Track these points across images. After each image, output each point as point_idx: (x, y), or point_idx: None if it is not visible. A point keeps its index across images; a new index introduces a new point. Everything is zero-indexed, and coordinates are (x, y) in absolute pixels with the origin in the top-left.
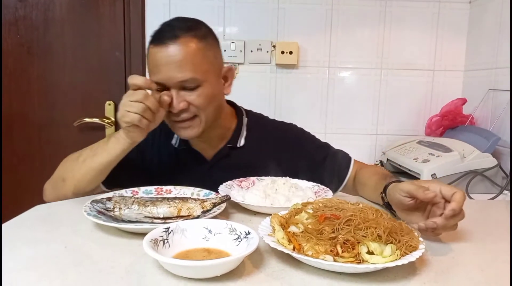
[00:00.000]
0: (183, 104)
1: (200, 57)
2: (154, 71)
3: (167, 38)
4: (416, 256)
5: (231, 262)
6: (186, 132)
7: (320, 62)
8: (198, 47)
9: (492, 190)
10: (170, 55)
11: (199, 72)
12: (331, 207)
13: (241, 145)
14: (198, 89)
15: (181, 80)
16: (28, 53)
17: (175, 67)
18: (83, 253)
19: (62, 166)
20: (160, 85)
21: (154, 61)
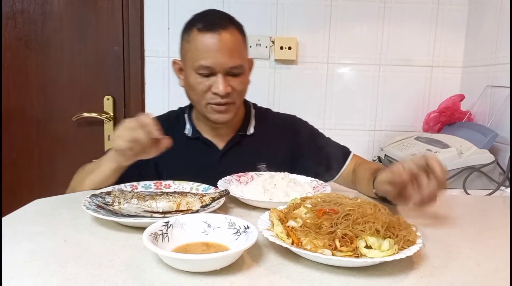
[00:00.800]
0: (229, 88)
1: (243, 47)
2: (203, 56)
3: (218, 26)
4: (413, 250)
5: (230, 256)
6: (222, 115)
7: (319, 58)
8: (241, 37)
9: (490, 186)
10: (223, 42)
11: (244, 60)
12: (330, 202)
13: (251, 133)
14: (241, 76)
15: (231, 65)
16: (26, 47)
17: (227, 53)
18: (82, 247)
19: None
20: (207, 69)
21: (204, 47)
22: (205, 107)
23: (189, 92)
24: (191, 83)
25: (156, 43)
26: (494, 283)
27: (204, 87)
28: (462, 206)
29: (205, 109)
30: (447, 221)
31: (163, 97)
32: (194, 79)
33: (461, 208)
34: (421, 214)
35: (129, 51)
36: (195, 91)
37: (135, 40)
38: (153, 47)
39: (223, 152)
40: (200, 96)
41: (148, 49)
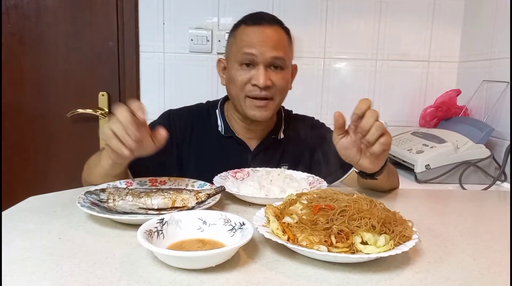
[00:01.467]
0: (270, 81)
1: (288, 45)
2: (247, 44)
3: (265, 21)
4: (409, 246)
5: (225, 253)
6: (260, 112)
7: (315, 52)
8: (287, 37)
9: (485, 180)
10: (268, 34)
11: (286, 56)
12: (326, 198)
13: (281, 137)
14: (282, 72)
15: (274, 55)
16: (20, 43)
17: (271, 44)
18: (77, 244)
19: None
20: (249, 56)
21: (250, 38)
22: (243, 101)
23: (230, 86)
24: (232, 75)
25: (151, 39)
26: (490, 278)
27: (244, 79)
28: (458, 201)
29: (243, 104)
30: (443, 216)
31: (159, 93)
32: (236, 71)
33: (457, 203)
34: (416, 208)
35: (124, 47)
36: (235, 83)
37: (130, 35)
38: (148, 42)
39: (255, 153)
40: (239, 89)
41: (143, 45)
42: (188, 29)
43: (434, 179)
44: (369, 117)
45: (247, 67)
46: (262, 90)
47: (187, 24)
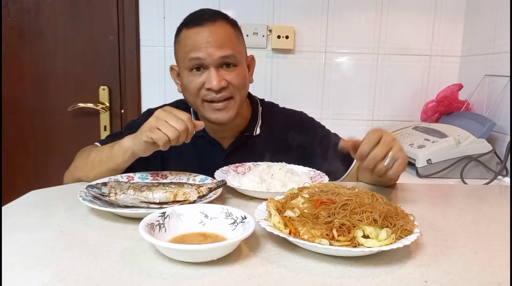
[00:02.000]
0: (224, 82)
1: (236, 39)
2: (193, 50)
3: (206, 20)
4: (411, 239)
5: (227, 246)
6: (222, 114)
7: (316, 47)
8: (233, 30)
9: (487, 175)
10: (211, 34)
11: (236, 51)
12: (327, 192)
13: (257, 134)
14: (236, 69)
15: (222, 55)
16: (20, 37)
17: (217, 44)
18: (78, 238)
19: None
20: (197, 61)
21: (194, 41)
22: (202, 107)
23: (185, 94)
24: (185, 82)
25: (152, 32)
26: (491, 271)
27: (197, 85)
28: (459, 195)
29: (202, 109)
30: (444, 210)
31: (159, 86)
32: (187, 78)
33: (458, 197)
34: (417, 202)
35: (125, 41)
36: (189, 90)
37: (131, 29)
38: (148, 36)
39: (228, 152)
40: (194, 95)
41: (143, 39)
42: None
43: (436, 174)
44: (370, 159)
45: (197, 71)
46: (218, 92)
47: None
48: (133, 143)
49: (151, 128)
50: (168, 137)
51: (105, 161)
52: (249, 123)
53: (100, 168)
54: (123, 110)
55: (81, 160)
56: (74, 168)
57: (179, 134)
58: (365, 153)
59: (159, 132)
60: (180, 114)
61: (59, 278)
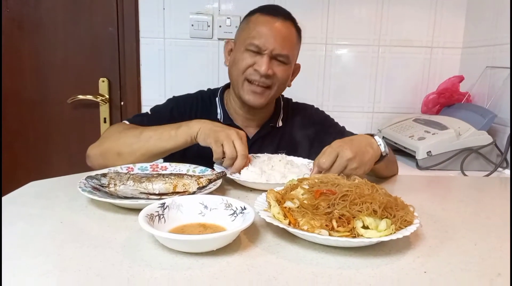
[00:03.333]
0: (271, 70)
1: (296, 44)
2: (257, 36)
3: (280, 15)
4: (410, 230)
5: (227, 236)
6: (256, 98)
7: (317, 38)
8: (297, 35)
9: (487, 167)
10: (279, 28)
11: (292, 53)
12: (327, 183)
13: (280, 126)
14: (285, 66)
15: (279, 52)
16: (19, 28)
17: (280, 39)
18: (79, 229)
19: (117, 139)
20: (256, 47)
21: (262, 28)
22: (242, 84)
23: (232, 68)
24: (237, 57)
25: (151, 24)
26: (490, 262)
27: (248, 62)
28: (459, 187)
29: (241, 86)
30: (444, 201)
31: (159, 79)
32: (241, 54)
33: (458, 189)
34: (417, 194)
35: (124, 32)
36: (238, 65)
37: (130, 21)
38: (148, 28)
39: (253, 141)
40: (241, 71)
41: (143, 30)
42: (189, 14)
43: (436, 166)
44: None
45: (253, 53)
46: (262, 76)
47: (187, 9)
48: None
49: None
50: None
51: (166, 141)
52: (273, 115)
53: (154, 147)
54: (122, 102)
55: (127, 136)
56: (114, 144)
57: (235, 157)
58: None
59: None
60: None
61: (60, 268)
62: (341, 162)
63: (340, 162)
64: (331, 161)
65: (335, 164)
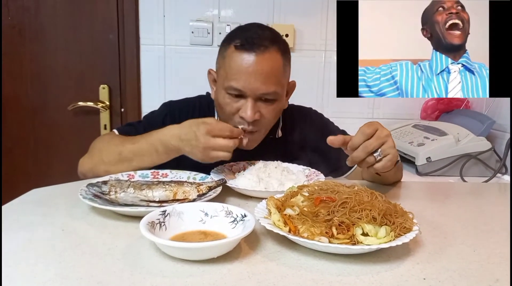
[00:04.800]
0: (258, 115)
1: (282, 72)
2: (235, 77)
3: (257, 47)
4: (410, 237)
5: (227, 244)
6: (247, 145)
7: (316, 45)
8: (282, 62)
9: (486, 173)
10: (259, 65)
11: (279, 87)
12: (327, 190)
13: (279, 136)
14: (274, 103)
15: (264, 92)
16: (20, 35)
17: (262, 78)
18: (79, 236)
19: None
20: (236, 91)
21: (238, 67)
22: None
23: (218, 109)
24: (220, 101)
25: (152, 31)
26: (489, 268)
27: (232, 109)
28: (458, 193)
29: None
30: (443, 208)
31: (159, 86)
32: (223, 99)
33: (457, 195)
34: (416, 200)
35: (124, 39)
36: (224, 111)
37: (130, 28)
38: (148, 35)
39: (251, 154)
40: (228, 117)
41: (143, 37)
42: (189, 21)
43: (435, 172)
44: (361, 151)
45: (235, 97)
46: (250, 124)
47: (187, 16)
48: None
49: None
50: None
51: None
52: (273, 126)
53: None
54: (123, 109)
55: (110, 154)
56: (100, 162)
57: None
58: (357, 144)
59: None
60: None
61: (62, 276)
62: (380, 135)
63: (380, 134)
64: (367, 135)
65: (373, 136)
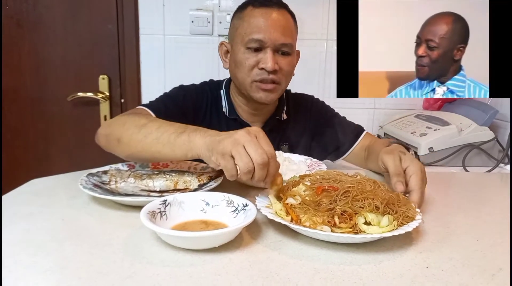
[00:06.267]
0: (277, 65)
1: (295, 30)
2: (255, 31)
3: (273, 4)
4: (412, 226)
5: (229, 233)
6: (267, 95)
7: (317, 34)
8: (293, 21)
9: (489, 163)
10: (276, 18)
11: (294, 41)
12: (329, 179)
13: (284, 118)
14: (289, 57)
15: (282, 42)
16: (18, 26)
17: (281, 29)
18: (80, 226)
19: (122, 126)
20: (257, 43)
21: (258, 21)
22: (250, 86)
23: (235, 70)
24: (239, 59)
25: (151, 21)
26: (492, 258)
27: (251, 63)
28: (461, 183)
29: (249, 88)
30: (446, 197)
31: (159, 75)
32: (242, 55)
33: (460, 185)
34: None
35: (124, 29)
36: (242, 67)
37: (129, 17)
38: (148, 24)
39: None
40: (246, 73)
41: (143, 27)
42: (189, 10)
43: (438, 162)
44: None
45: (254, 51)
46: (270, 73)
47: (187, 5)
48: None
49: (224, 154)
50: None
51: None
52: (277, 108)
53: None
54: (123, 99)
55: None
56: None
57: (252, 168)
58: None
59: (230, 162)
60: (265, 144)
61: (61, 265)
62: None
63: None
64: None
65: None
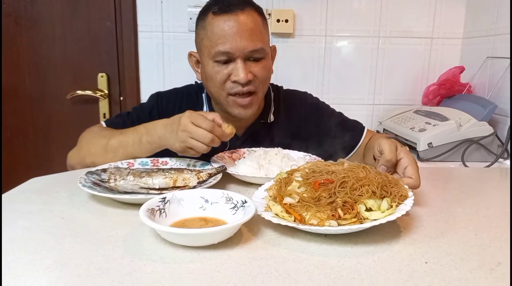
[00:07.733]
0: (250, 75)
1: (264, 30)
2: (220, 42)
3: (234, 7)
4: (409, 204)
5: (228, 230)
6: (245, 111)
7: (316, 30)
8: (261, 19)
9: (488, 158)
10: (241, 24)
11: (265, 44)
12: (320, 172)
13: (272, 121)
14: (263, 61)
15: (252, 49)
16: (16, 24)
17: (247, 35)
18: (79, 224)
19: (89, 146)
20: (225, 55)
21: (222, 31)
22: (225, 100)
23: (208, 84)
24: (209, 73)
25: (149, 18)
26: (491, 252)
27: (223, 76)
28: (460, 178)
29: (226, 103)
30: (445, 192)
31: (158, 73)
32: (212, 68)
33: (459, 180)
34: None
35: (122, 27)
36: (214, 82)
37: (128, 15)
38: (146, 22)
39: (242, 140)
40: (219, 87)
41: (141, 24)
42: (187, 7)
43: (437, 157)
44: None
45: (224, 63)
46: (244, 85)
47: (185, 2)
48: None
49: (183, 141)
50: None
51: (130, 149)
52: (263, 110)
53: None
54: (122, 97)
55: (96, 145)
56: (87, 153)
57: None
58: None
59: (194, 142)
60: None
61: (61, 263)
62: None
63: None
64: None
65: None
